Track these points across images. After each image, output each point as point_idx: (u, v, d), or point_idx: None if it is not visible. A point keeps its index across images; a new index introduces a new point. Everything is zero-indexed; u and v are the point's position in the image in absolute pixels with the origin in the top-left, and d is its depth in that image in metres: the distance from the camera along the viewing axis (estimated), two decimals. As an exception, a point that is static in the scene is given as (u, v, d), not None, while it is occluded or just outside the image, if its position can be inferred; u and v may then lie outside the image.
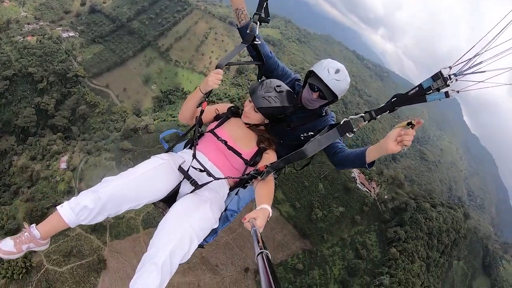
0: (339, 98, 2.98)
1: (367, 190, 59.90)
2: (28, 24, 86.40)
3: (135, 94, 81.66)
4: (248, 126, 3.10)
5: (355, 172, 60.99)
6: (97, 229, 48.71)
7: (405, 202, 58.47)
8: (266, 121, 3.10)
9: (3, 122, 69.30)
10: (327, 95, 2.90)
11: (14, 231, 48.75)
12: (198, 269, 48.08)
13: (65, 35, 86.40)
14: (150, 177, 2.68)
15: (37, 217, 49.56)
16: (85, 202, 2.38)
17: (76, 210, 2.38)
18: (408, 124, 2.17)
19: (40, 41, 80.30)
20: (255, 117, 3.02)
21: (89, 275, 45.28)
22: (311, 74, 3.00)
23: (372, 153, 2.61)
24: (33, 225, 2.52)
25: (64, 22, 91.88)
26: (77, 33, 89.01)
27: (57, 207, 2.45)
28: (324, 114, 3.26)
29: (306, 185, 56.35)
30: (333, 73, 2.84)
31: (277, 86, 2.91)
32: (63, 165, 59.39)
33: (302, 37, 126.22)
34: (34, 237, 2.48)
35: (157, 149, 51.79)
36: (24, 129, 69.53)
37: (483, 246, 70.13)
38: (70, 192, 56.34)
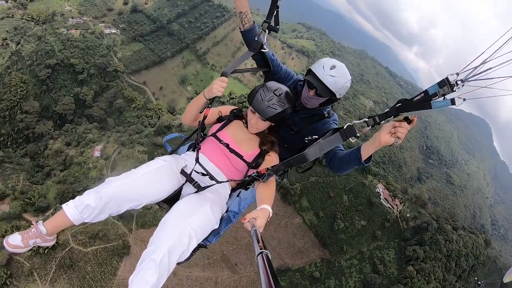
0: (338, 97, 2.95)
1: (390, 206, 59.75)
2: (72, 18, 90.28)
3: (170, 93, 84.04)
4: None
5: (380, 188, 61.05)
6: (124, 216, 49.95)
7: (426, 221, 57.97)
8: (272, 124, 3.12)
9: (43, 107, 72.26)
10: (322, 92, 2.89)
11: (43, 209, 51.70)
12: (217, 266, 49.10)
13: (107, 31, 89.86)
14: (151, 178, 2.76)
15: (68, 198, 51.55)
16: (88, 201, 2.50)
17: (79, 209, 2.50)
18: (405, 119, 2.20)
19: (83, 35, 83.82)
20: (264, 126, 3.05)
21: (111, 259, 46.59)
22: (309, 72, 3.01)
23: (366, 148, 2.59)
24: (40, 221, 2.70)
25: (106, 19, 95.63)
26: (118, 30, 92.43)
27: (63, 206, 2.58)
28: (326, 115, 3.25)
29: (331, 195, 56.79)
30: (328, 69, 2.84)
31: (275, 90, 2.92)
32: (96, 153, 61.98)
33: (336, 50, 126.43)
34: (41, 233, 2.63)
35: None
36: (62, 116, 72.57)
37: (501, 276, 68.45)
38: (101, 179, 58.28)
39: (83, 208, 2.50)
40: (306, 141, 3.13)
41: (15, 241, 2.62)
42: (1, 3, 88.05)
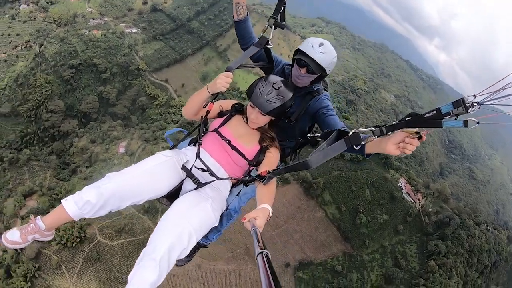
0: (327, 72, 3.07)
1: (412, 200, 59.28)
2: (93, 19, 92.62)
3: (192, 90, 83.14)
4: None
5: (402, 182, 60.67)
6: (149, 210, 51.24)
7: (449, 216, 57.40)
8: (273, 118, 3.08)
9: (67, 106, 74.46)
10: (315, 68, 2.98)
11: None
12: (241, 259, 49.74)
13: (128, 31, 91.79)
14: (152, 174, 2.74)
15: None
16: (88, 197, 2.47)
17: (79, 204, 2.48)
18: (416, 133, 2.10)
19: (104, 35, 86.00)
20: (264, 120, 3.04)
21: (138, 252, 47.04)
22: (298, 52, 3.08)
23: (370, 146, 2.53)
24: (39, 217, 2.65)
25: (127, 19, 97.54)
26: (139, 29, 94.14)
27: (62, 201, 2.55)
28: (316, 93, 3.30)
29: (353, 189, 56.81)
30: (317, 47, 2.95)
31: (273, 83, 2.91)
32: (121, 150, 63.44)
33: (356, 44, 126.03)
34: (39, 228, 2.60)
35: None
36: (86, 114, 74.60)
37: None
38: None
39: (83, 204, 2.48)
40: (309, 138, 3.25)
41: (14, 237, 2.59)
42: (23, 7, 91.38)
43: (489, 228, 63.22)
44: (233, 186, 3.16)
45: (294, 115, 3.22)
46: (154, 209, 51.79)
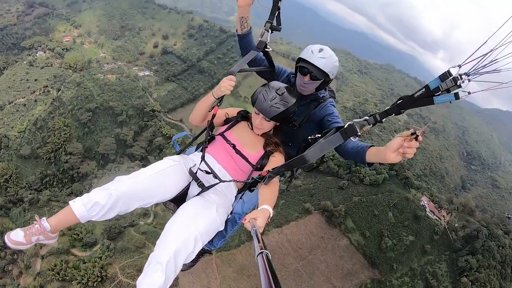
0: (331, 77, 3.14)
1: (437, 218, 57.94)
2: (107, 63, 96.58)
3: None
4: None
5: (424, 201, 59.57)
6: None
7: (476, 229, 55.65)
8: (277, 124, 3.18)
9: (85, 149, 76.30)
10: (317, 74, 3.04)
11: (91, 244, 53.24)
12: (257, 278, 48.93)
13: (141, 74, 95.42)
14: (161, 177, 2.80)
15: (115, 233, 53.84)
16: (97, 199, 2.52)
17: (88, 206, 2.52)
18: (412, 134, 2.09)
19: (119, 79, 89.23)
20: (269, 126, 3.11)
21: None
22: (299, 60, 3.15)
23: (372, 156, 2.57)
24: (44, 218, 2.65)
25: (139, 62, 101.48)
26: (151, 72, 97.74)
27: (69, 202, 2.58)
28: (322, 100, 3.34)
29: (375, 213, 55.99)
30: (317, 52, 3.01)
31: (277, 89, 2.97)
32: (140, 190, 64.34)
33: (363, 68, 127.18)
34: (45, 229, 2.60)
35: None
36: (104, 156, 76.35)
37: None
38: (146, 215, 60.78)
39: (92, 206, 2.53)
40: (309, 140, 3.18)
41: (18, 238, 2.58)
42: (39, 54, 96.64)
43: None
44: (238, 192, 3.20)
45: (298, 120, 3.28)
46: None
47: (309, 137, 3.15)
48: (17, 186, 67.90)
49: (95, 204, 2.53)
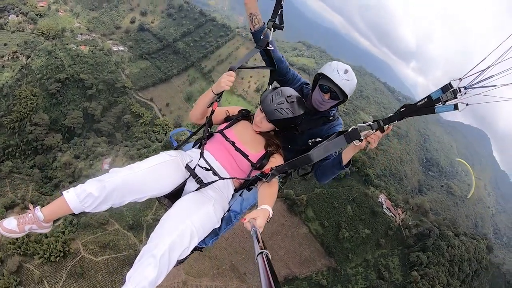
0: (348, 98, 3.06)
1: (393, 215, 61.23)
2: (81, 34, 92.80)
3: (177, 109, 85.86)
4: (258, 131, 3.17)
5: (382, 198, 62.59)
6: (134, 227, 51.44)
7: (428, 228, 59.42)
8: (277, 129, 3.15)
9: (52, 120, 73.55)
10: (339, 95, 2.98)
11: (55, 220, 52.16)
12: (226, 276, 49.94)
13: (115, 48, 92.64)
14: (156, 171, 2.75)
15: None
16: (90, 190, 2.46)
17: (81, 197, 2.46)
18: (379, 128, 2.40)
19: (92, 51, 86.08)
20: (267, 127, 3.07)
21: (122, 268, 46.78)
22: (321, 76, 3.06)
23: (345, 154, 2.85)
24: (38, 207, 2.62)
25: (114, 36, 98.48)
26: (126, 48, 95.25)
27: (63, 192, 2.51)
28: (332, 118, 3.33)
29: (335, 205, 58.41)
30: (343, 74, 2.92)
31: (288, 96, 2.93)
32: (105, 166, 63.15)
33: None
34: (38, 218, 2.57)
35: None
36: (71, 129, 73.92)
37: (506, 282, 69.29)
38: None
39: (85, 197, 2.47)
40: (310, 143, 3.17)
41: (11, 225, 2.55)
42: (11, 17, 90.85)
43: (467, 233, 65.41)
44: (235, 191, 3.16)
45: (301, 127, 3.23)
46: (139, 226, 51.54)
47: (310, 141, 3.18)
48: (-23, 154, 64.64)
49: (89, 195, 2.47)
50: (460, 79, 2.01)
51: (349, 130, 2.55)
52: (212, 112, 3.06)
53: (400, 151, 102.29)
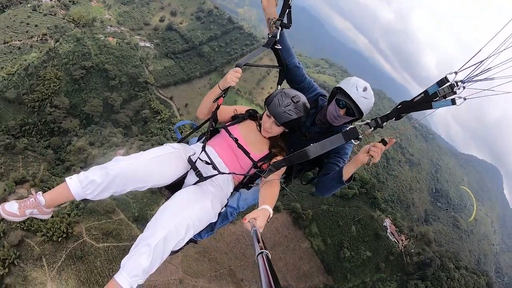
0: (364, 116, 2.99)
1: (396, 240, 60.86)
2: (111, 26, 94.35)
3: (195, 111, 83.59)
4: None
5: (387, 222, 62.42)
6: (139, 219, 51.63)
7: (430, 258, 59.02)
8: (286, 130, 3.13)
9: (71, 105, 74.78)
10: (356, 112, 2.94)
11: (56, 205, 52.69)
12: (223, 279, 50.08)
13: (141, 44, 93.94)
14: (159, 162, 2.79)
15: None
16: (93, 177, 2.49)
17: (84, 183, 2.49)
18: (382, 141, 2.35)
19: (119, 43, 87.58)
20: (278, 131, 3.05)
21: (122, 258, 46.91)
22: (339, 90, 3.03)
23: (347, 169, 2.80)
24: (40, 192, 2.65)
25: (142, 32, 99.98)
26: (152, 45, 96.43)
27: (66, 179, 2.55)
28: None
29: (340, 224, 58.50)
30: (362, 91, 2.88)
31: (293, 96, 2.93)
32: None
33: None
34: (39, 203, 2.59)
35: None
36: (89, 116, 74.93)
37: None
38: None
39: (87, 183, 2.50)
40: None
41: (12, 209, 2.58)
42: (45, 0, 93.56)
43: (468, 267, 64.26)
44: (235, 189, 3.20)
45: (310, 135, 3.27)
46: (144, 219, 51.54)
47: (313, 144, 3.08)
48: (-6, 127, 66.12)
49: (91, 182, 2.51)
50: (456, 73, 2.01)
51: (348, 128, 2.58)
52: (218, 107, 3.11)
53: (411, 178, 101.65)
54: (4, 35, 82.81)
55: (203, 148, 3.05)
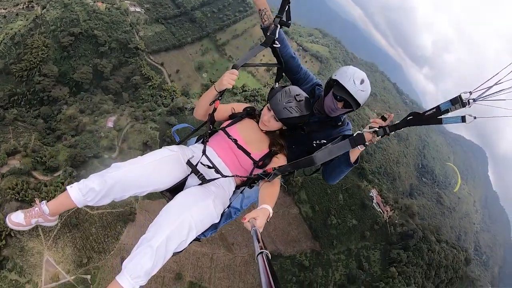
0: (361, 106, 2.98)
1: (381, 211, 63.30)
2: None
3: (186, 77, 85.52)
4: (263, 130, 3.14)
5: (374, 193, 64.50)
6: None
7: (413, 230, 61.54)
8: (284, 128, 3.11)
9: (60, 73, 72.94)
10: (353, 105, 2.93)
11: (53, 169, 52.13)
12: (214, 243, 51.59)
13: (132, 9, 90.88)
14: (157, 166, 2.78)
15: (79, 162, 53.40)
16: (92, 185, 2.54)
17: (83, 191, 2.56)
18: (382, 117, 2.43)
19: (109, 9, 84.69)
20: (275, 126, 3.04)
21: (116, 224, 48.32)
22: (335, 83, 2.98)
23: (353, 151, 2.76)
24: (44, 201, 2.75)
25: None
26: (143, 10, 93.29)
27: (67, 187, 2.61)
28: (341, 123, 3.29)
29: (328, 192, 60.12)
30: (359, 84, 2.85)
31: (296, 95, 2.92)
32: (110, 124, 63.59)
33: (348, 60, 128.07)
34: (43, 212, 2.68)
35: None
36: (78, 84, 73.49)
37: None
38: (111, 149, 59.94)
39: (87, 191, 2.55)
40: (314, 145, 3.18)
41: (18, 219, 2.69)
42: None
43: (448, 242, 67.38)
44: (237, 187, 3.18)
45: (308, 129, 3.24)
46: None
47: (315, 142, 3.19)
48: (-17, 100, 64.63)
49: (91, 190, 2.56)
50: (470, 92, 2.00)
51: (354, 135, 2.56)
52: (214, 109, 3.05)
53: (398, 152, 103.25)
54: (-12, 5, 79.19)
55: (204, 152, 3.02)
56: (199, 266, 49.62)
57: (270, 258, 1.46)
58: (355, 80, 2.85)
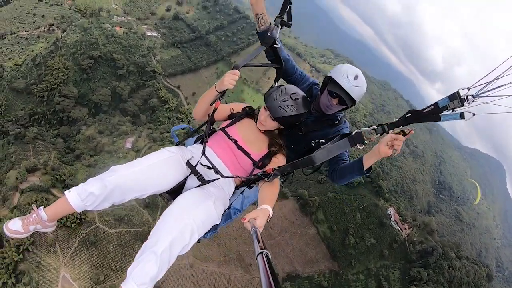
0: (357, 103, 2.95)
1: (400, 229, 62.24)
2: (117, 16, 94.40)
3: None
4: (262, 130, 3.11)
5: (391, 211, 63.68)
6: (150, 205, 52.38)
7: (432, 247, 60.25)
8: (281, 127, 3.11)
9: (80, 94, 75.25)
10: (348, 101, 2.90)
11: (71, 187, 53.09)
12: (232, 264, 51.39)
13: (148, 33, 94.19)
14: (156, 168, 2.75)
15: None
16: (91, 189, 2.51)
17: (82, 196, 2.52)
18: (401, 131, 2.36)
19: (126, 33, 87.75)
20: (272, 125, 3.02)
21: (134, 243, 48.16)
22: (329, 80, 2.98)
23: (367, 159, 2.73)
24: (41, 207, 2.68)
25: (149, 21, 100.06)
26: (159, 34, 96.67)
27: (65, 192, 2.57)
28: (338, 122, 3.26)
29: (345, 211, 59.86)
30: (353, 80, 2.84)
31: (292, 93, 2.90)
32: (128, 145, 64.59)
33: None
34: (41, 219, 2.63)
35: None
36: (97, 105, 75.57)
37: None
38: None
39: (86, 196, 2.51)
40: (313, 144, 3.13)
41: (15, 227, 2.62)
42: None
43: (469, 258, 65.48)
44: (236, 188, 3.17)
45: (306, 128, 3.22)
46: (155, 205, 52.18)
47: (313, 141, 3.14)
48: (4, 118, 67.00)
49: (90, 194, 2.52)
50: (468, 88, 1.99)
51: (353, 133, 2.53)
52: (215, 110, 3.04)
53: (414, 170, 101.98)
54: (11, 26, 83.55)
55: (203, 153, 2.97)
56: (216, 287, 49.32)
57: (270, 258, 1.47)
58: (348, 76, 2.85)
